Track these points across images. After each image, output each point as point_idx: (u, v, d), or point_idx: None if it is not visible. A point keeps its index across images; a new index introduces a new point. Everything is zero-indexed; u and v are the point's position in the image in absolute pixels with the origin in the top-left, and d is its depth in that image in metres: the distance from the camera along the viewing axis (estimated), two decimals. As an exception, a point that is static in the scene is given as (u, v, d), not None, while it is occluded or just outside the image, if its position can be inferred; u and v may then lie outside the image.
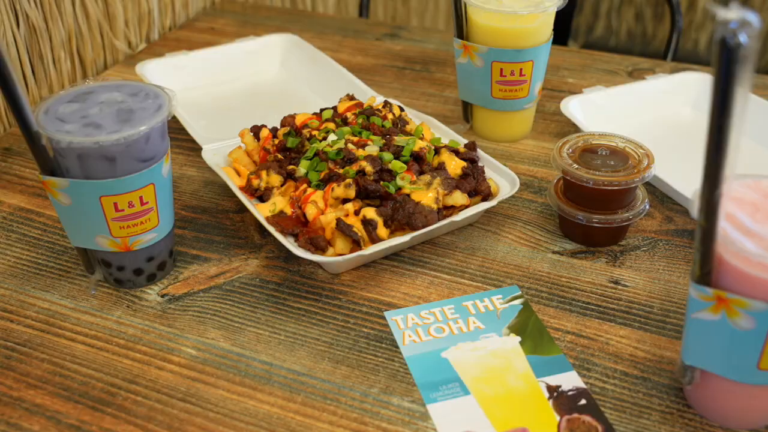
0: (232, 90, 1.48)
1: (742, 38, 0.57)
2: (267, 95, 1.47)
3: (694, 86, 1.41)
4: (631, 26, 4.35)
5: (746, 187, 0.75)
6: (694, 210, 0.68)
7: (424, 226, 1.00)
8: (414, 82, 1.53)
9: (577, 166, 1.02)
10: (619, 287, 0.99)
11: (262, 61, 1.54)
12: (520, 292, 0.98)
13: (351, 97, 1.24)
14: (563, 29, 2.02)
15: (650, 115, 1.38)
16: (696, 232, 0.69)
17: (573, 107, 1.31)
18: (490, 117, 1.29)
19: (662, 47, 4.29)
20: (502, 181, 1.10)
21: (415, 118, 1.24)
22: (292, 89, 1.48)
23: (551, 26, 1.23)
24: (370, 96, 1.30)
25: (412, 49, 1.67)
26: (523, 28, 1.18)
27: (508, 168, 1.15)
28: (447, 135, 1.20)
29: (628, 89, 1.38)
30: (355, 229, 0.97)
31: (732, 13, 0.56)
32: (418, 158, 1.07)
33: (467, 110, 1.33)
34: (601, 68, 1.59)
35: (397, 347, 0.90)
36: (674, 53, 1.90)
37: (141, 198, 0.91)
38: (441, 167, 1.07)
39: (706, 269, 0.71)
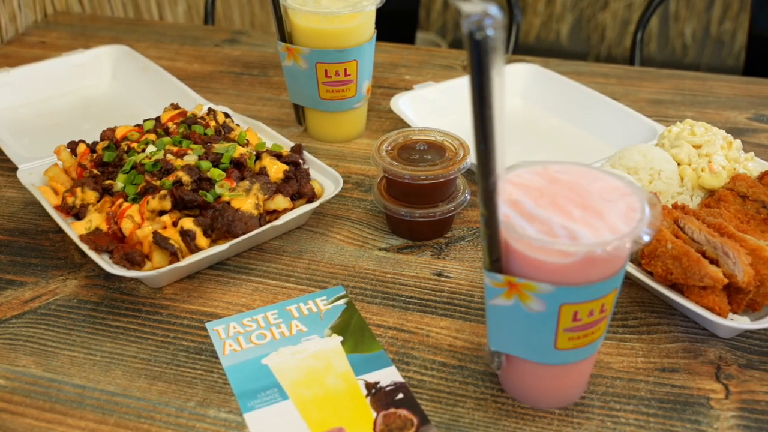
0: (61, 105, 1.43)
1: (489, 31, 0.58)
2: (98, 109, 1.42)
3: (523, 77, 1.45)
4: (496, 20, 4.45)
5: (534, 173, 0.77)
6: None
7: (244, 233, 0.99)
8: (251, 87, 1.51)
9: (395, 163, 1.03)
10: (443, 279, 1.01)
11: (92, 74, 1.49)
12: (344, 292, 0.99)
13: (175, 107, 1.22)
14: (410, 27, 2.04)
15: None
16: (480, 221, 0.70)
17: (403, 104, 1.32)
18: (321, 118, 1.29)
19: (527, 39, 4.43)
20: (328, 182, 1.11)
21: (243, 123, 1.23)
22: (124, 101, 1.45)
23: (372, 25, 1.24)
24: (197, 104, 1.28)
25: (250, 54, 1.65)
26: (343, 28, 1.19)
27: (338, 168, 1.15)
28: (274, 139, 1.19)
29: (459, 83, 1.41)
30: (172, 241, 0.95)
31: (475, 7, 0.57)
32: (238, 165, 1.06)
33: (299, 113, 1.33)
34: (438, 64, 1.61)
35: (217, 358, 0.89)
36: (515, 46, 1.95)
37: (-65, 225, 0.87)
38: (262, 172, 1.06)
39: (495, 256, 0.72)
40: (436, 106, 1.36)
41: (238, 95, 1.48)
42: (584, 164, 0.79)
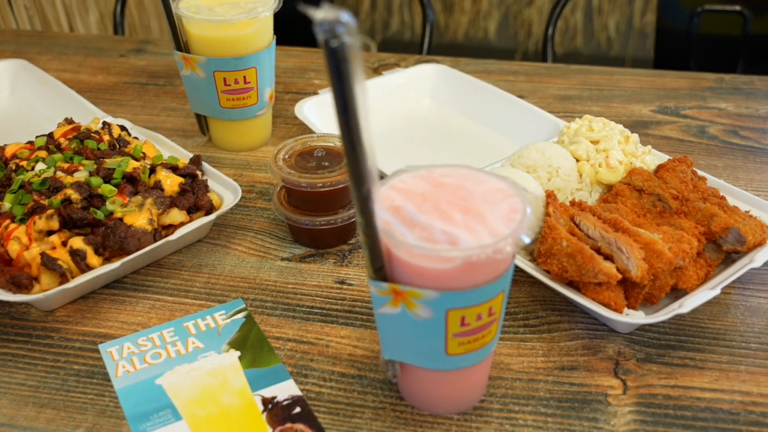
0: (-44, 124, 1.38)
1: (344, 38, 0.57)
2: (-5, 126, 1.38)
3: (430, 78, 1.45)
4: (423, 17, 4.46)
5: (418, 177, 0.76)
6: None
7: (137, 249, 0.96)
8: (156, 97, 1.48)
9: (292, 172, 1.01)
10: (345, 287, 0.99)
11: (-13, 90, 1.45)
12: (244, 305, 0.96)
13: (69, 121, 1.18)
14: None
15: (391, 109, 1.40)
16: (359, 230, 0.69)
17: (307, 110, 1.30)
18: (224, 127, 1.27)
19: (456, 38, 4.45)
20: (227, 193, 1.08)
21: (142, 136, 1.20)
22: (22, 117, 1.40)
23: (270, 31, 1.22)
24: (94, 118, 1.24)
25: (157, 63, 1.62)
26: (239, 35, 1.16)
27: (243, 178, 1.13)
28: (174, 151, 1.16)
29: (366, 86, 1.39)
30: (60, 262, 0.92)
31: (326, 14, 0.56)
32: (132, 179, 1.03)
33: (202, 122, 1.30)
34: (349, 67, 1.60)
35: (109, 381, 0.86)
36: (429, 45, 1.95)
37: None
38: (157, 186, 1.03)
39: (378, 265, 0.71)
40: (342, 111, 1.34)
41: (143, 106, 1.44)
42: (469, 166, 0.78)
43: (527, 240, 0.69)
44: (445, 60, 1.59)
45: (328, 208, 1.03)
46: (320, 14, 0.56)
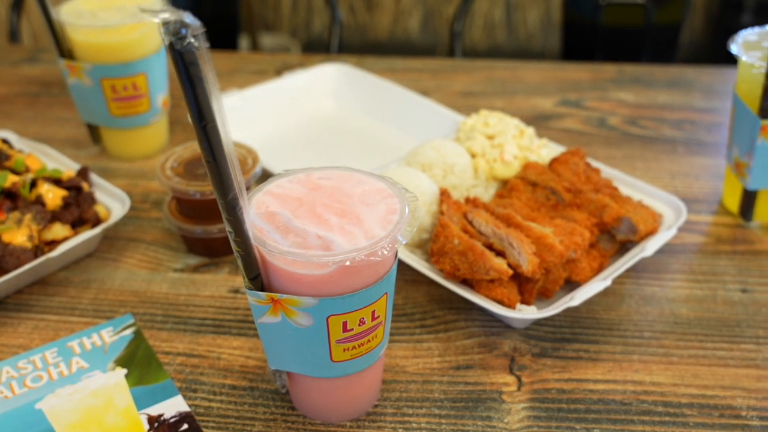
0: None
1: (189, 40, 0.54)
2: None
3: (333, 78, 1.43)
4: (347, 17, 4.45)
5: (295, 181, 0.74)
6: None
7: (16, 268, 0.92)
8: (49, 107, 1.43)
9: (180, 180, 0.98)
10: (239, 296, 0.97)
11: None
12: (132, 321, 0.93)
13: (-53, 136, 1.13)
14: (230, 32, 1.99)
15: (293, 111, 1.37)
16: (230, 239, 0.66)
17: (203, 115, 1.27)
18: (117, 136, 1.23)
19: (379, 38, 4.44)
20: (116, 204, 1.04)
21: (28, 148, 1.15)
22: None
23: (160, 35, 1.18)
24: (-24, 131, 1.19)
25: (50, 72, 1.56)
26: (124, 40, 1.13)
27: (137, 187, 1.09)
28: (61, 163, 1.12)
29: (264, 89, 1.37)
30: (-69, 285, 0.88)
31: (169, 16, 0.53)
32: (11, 194, 0.99)
33: (93, 132, 1.25)
34: (252, 69, 1.57)
35: (-14, 408, 0.82)
36: (339, 45, 1.93)
37: None
38: (38, 201, 0.99)
39: (252, 274, 0.69)
40: (240, 115, 1.31)
41: (34, 117, 1.39)
42: (350, 167, 0.76)
43: (404, 241, 0.67)
44: (350, 59, 1.57)
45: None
46: (161, 16, 0.53)
